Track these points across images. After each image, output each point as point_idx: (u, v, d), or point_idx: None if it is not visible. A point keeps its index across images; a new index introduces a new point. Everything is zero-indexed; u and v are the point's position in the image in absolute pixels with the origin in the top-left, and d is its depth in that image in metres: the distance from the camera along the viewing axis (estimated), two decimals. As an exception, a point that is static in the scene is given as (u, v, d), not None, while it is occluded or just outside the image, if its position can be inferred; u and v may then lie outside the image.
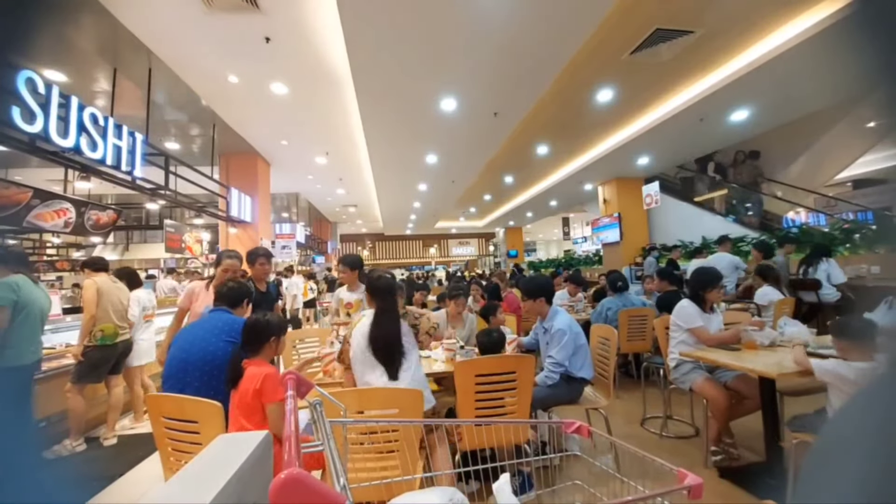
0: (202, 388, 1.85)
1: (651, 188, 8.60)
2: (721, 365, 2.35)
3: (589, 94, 5.88)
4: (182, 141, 7.55)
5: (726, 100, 5.73)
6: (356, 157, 8.65)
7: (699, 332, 2.66)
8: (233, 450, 0.75)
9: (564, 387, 2.49)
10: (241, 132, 6.95)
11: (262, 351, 1.86)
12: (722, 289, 2.80)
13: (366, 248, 23.94)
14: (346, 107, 6.08)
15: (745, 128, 6.90)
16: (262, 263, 3.16)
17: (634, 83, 5.62)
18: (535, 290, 2.68)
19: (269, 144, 7.69)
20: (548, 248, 29.20)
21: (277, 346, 1.92)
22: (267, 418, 1.68)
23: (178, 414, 1.62)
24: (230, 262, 2.86)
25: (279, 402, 1.68)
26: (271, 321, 1.91)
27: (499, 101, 5.64)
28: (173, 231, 7.51)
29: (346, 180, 10.70)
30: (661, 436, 3.02)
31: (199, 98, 5.68)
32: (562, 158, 9.20)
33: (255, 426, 1.67)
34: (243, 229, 8.08)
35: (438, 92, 5.31)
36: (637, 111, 6.66)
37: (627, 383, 4.32)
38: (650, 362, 3.55)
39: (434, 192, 11.38)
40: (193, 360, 1.91)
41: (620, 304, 4.10)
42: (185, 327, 1.99)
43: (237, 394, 1.74)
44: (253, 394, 1.67)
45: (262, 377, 1.69)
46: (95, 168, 4.46)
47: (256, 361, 1.81)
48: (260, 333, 1.87)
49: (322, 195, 12.62)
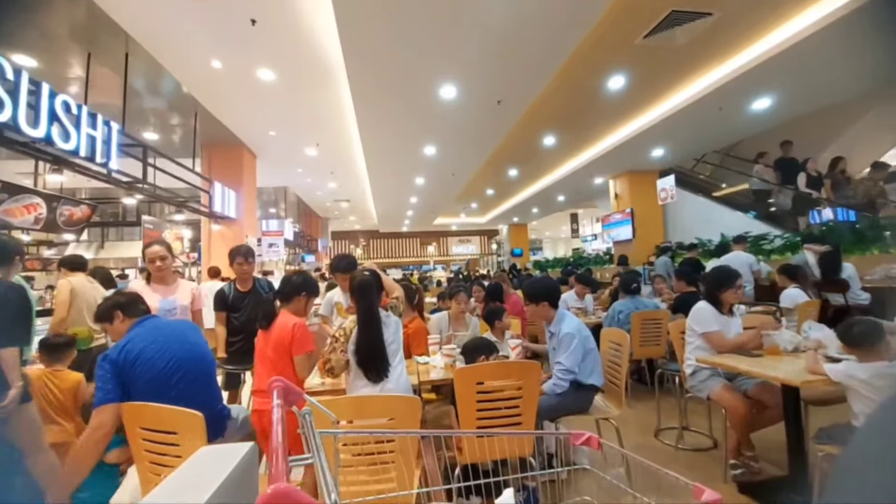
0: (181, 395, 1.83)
1: (666, 182, 8.60)
2: (741, 372, 2.34)
3: (599, 81, 5.87)
4: (161, 131, 7.54)
5: (747, 87, 5.72)
6: (349, 149, 8.64)
7: (712, 337, 2.65)
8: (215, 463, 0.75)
9: (573, 395, 2.49)
10: (225, 122, 6.94)
11: (292, 301, 2.30)
12: (740, 289, 2.79)
13: (359, 247, 23.95)
14: (338, 94, 6.07)
15: (767, 117, 6.90)
16: (241, 264, 3.16)
17: (648, 69, 5.61)
18: (537, 294, 2.67)
19: (255, 135, 7.68)
20: (555, 247, 29.16)
21: (307, 304, 2.36)
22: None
23: (156, 424, 1.62)
24: (153, 250, 2.79)
25: (307, 354, 2.14)
26: (307, 279, 2.39)
27: (502, 88, 5.63)
28: (152, 228, 7.51)
29: (337, 173, 10.70)
30: (676, 448, 3.02)
31: (179, 85, 5.67)
32: (570, 150, 9.19)
33: (290, 368, 2.12)
34: (227, 226, 8.07)
35: (437, 78, 5.30)
36: (651, 99, 6.65)
37: (640, 391, 4.32)
38: (665, 369, 3.55)
39: (433, 186, 11.37)
40: (181, 364, 1.88)
41: (633, 306, 4.10)
42: (144, 327, 1.93)
43: (270, 337, 2.15)
44: (287, 345, 2.12)
45: (292, 327, 2.13)
46: (68, 160, 4.45)
47: (285, 313, 2.23)
48: (294, 287, 2.32)
49: (312, 189, 12.62)
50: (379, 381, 2.02)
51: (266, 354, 2.15)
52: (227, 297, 3.18)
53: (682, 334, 2.92)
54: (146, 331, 1.90)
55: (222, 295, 3.19)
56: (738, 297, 2.81)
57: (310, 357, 2.16)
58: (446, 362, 2.61)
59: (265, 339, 2.20)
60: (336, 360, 2.07)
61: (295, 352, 2.12)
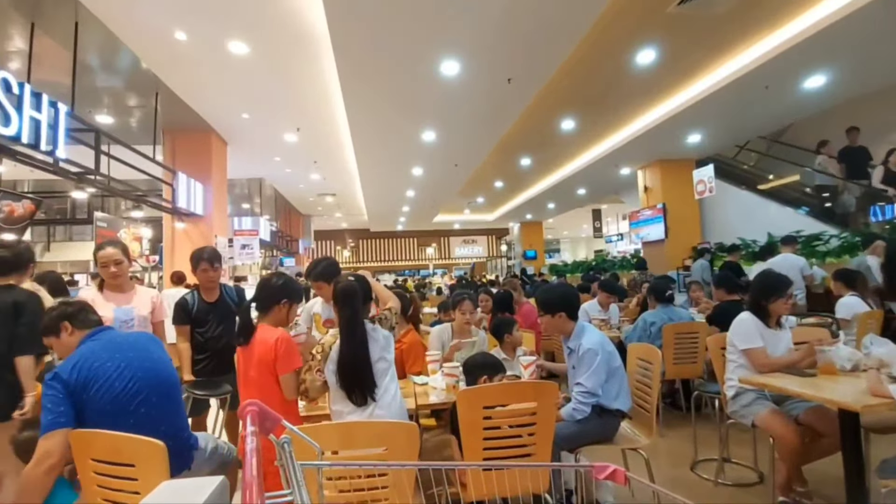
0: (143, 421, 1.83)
1: (703, 173, 8.59)
2: (791, 394, 2.33)
3: (626, 56, 5.88)
4: (117, 114, 7.55)
5: (798, 62, 5.72)
6: (335, 134, 8.66)
7: (755, 354, 2.64)
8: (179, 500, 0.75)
9: (595, 422, 2.48)
10: (191, 103, 6.96)
11: (272, 312, 2.24)
12: (791, 298, 2.79)
13: (347, 248, 24.00)
14: (322, 70, 6.09)
15: (821, 97, 6.90)
16: (205, 270, 3.11)
17: (682, 42, 5.62)
18: (552, 303, 2.66)
19: (225, 118, 7.70)
20: (574, 249, 29.21)
21: (289, 312, 2.28)
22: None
23: (110, 455, 1.62)
24: (106, 252, 2.79)
25: (294, 372, 2.11)
26: (289, 283, 2.31)
27: (513, 64, 5.64)
28: (106, 226, 7.51)
29: (322, 163, 10.71)
30: (716, 483, 3.01)
31: (137, 60, 5.69)
32: (592, 136, 9.19)
33: (278, 389, 2.10)
34: (193, 224, 8.08)
35: (437, 51, 5.31)
36: (686, 77, 6.66)
37: (674, 417, 4.31)
38: (703, 391, 3.54)
39: (432, 177, 11.38)
40: (144, 385, 1.87)
41: (665, 317, 4.10)
42: (98, 341, 1.92)
43: (251, 354, 2.12)
44: (271, 362, 2.09)
45: (274, 342, 2.09)
46: (8, 147, 4.46)
47: (265, 326, 2.19)
48: (272, 293, 2.24)
49: (292, 181, 12.63)
50: (364, 405, 2.02)
51: (249, 375, 2.14)
52: (189, 308, 3.14)
53: (723, 350, 2.91)
54: (101, 345, 1.88)
55: (184, 306, 3.14)
56: (789, 308, 2.80)
57: (298, 375, 2.15)
58: (448, 383, 2.61)
59: (245, 357, 2.18)
60: (311, 381, 2.07)
61: (280, 370, 2.10)
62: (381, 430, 1.70)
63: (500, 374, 2.44)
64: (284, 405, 2.11)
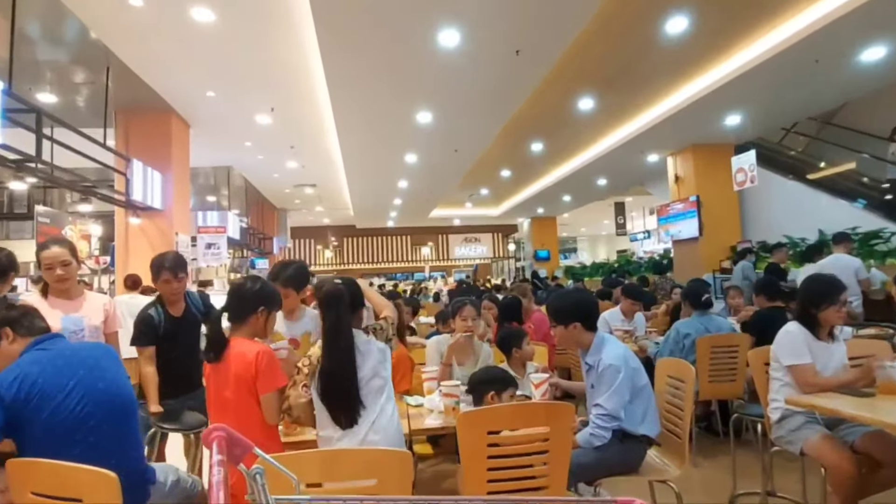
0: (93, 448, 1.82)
1: (744, 160, 8.60)
2: (846, 417, 2.33)
3: (654, 24, 5.89)
4: (62, 92, 7.54)
5: (854, 31, 5.72)
6: (315, 115, 8.66)
7: (801, 372, 2.64)
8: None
9: (617, 449, 2.49)
10: (148, 79, 6.95)
11: (246, 322, 2.20)
12: (844, 305, 2.78)
13: (329, 248, 23.99)
14: (300, 40, 6.09)
15: (882, 72, 6.90)
16: (167, 281, 3.04)
17: (719, 9, 5.63)
18: (566, 312, 2.66)
19: (188, 96, 7.69)
20: (593, 248, 29.22)
21: (266, 322, 2.26)
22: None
23: (53, 488, 1.61)
24: (51, 252, 2.77)
25: (278, 392, 2.09)
26: (265, 287, 2.30)
27: (522, 34, 5.64)
28: (49, 222, 7.51)
29: (300, 148, 10.71)
30: (758, 521, 3.02)
31: (86, 29, 5.68)
32: (614, 117, 9.19)
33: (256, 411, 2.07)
34: (150, 219, 8.07)
35: (435, 18, 5.31)
36: (723, 49, 6.66)
37: (710, 444, 4.30)
38: (743, 413, 3.54)
39: (429, 165, 11.38)
40: (97, 406, 1.86)
41: (702, 327, 4.10)
42: (45, 352, 1.91)
43: (226, 373, 2.08)
44: (251, 381, 2.06)
45: (255, 357, 2.05)
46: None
47: (241, 339, 2.15)
48: (246, 299, 2.21)
49: (266, 170, 12.62)
50: (349, 427, 2.02)
51: (223, 397, 2.11)
52: (156, 324, 3.07)
53: (767, 366, 2.91)
54: (48, 357, 1.87)
55: (149, 322, 3.06)
56: (843, 318, 2.80)
57: (282, 395, 2.14)
58: (447, 404, 2.60)
59: (218, 376, 2.14)
60: (295, 397, 2.07)
61: (262, 389, 2.07)
62: (370, 458, 1.70)
63: (510, 390, 2.45)
64: (266, 431, 2.10)
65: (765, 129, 9.65)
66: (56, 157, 6.26)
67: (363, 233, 23.79)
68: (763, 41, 6.37)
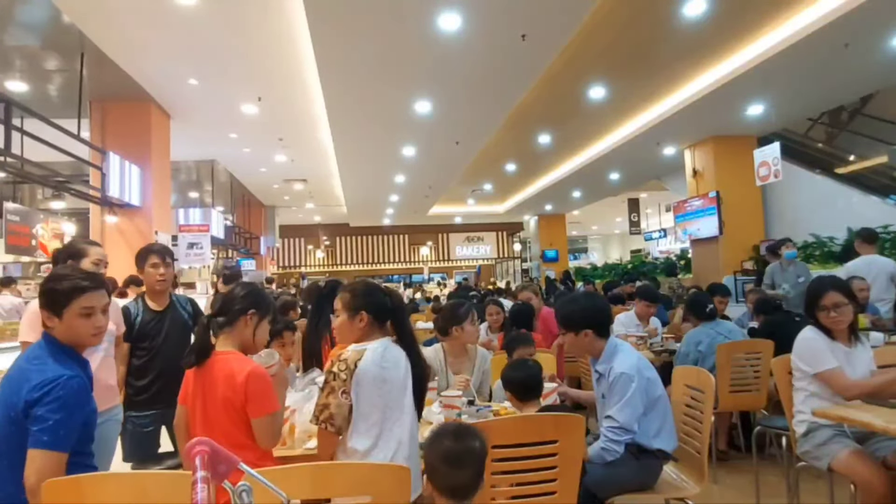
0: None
1: (768, 153, 8.58)
2: (877, 430, 2.33)
3: (671, 6, 5.88)
4: (32, 80, 7.54)
5: (886, 13, 5.72)
6: (306, 105, 8.67)
7: (833, 377, 2.64)
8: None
9: (631, 464, 2.49)
10: (126, 66, 6.94)
11: (235, 325, 2.16)
12: (836, 310, 2.73)
13: (320, 247, 23.99)
14: (289, 23, 6.09)
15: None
16: (155, 265, 3.06)
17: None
18: (575, 319, 2.66)
19: (168, 84, 7.69)
20: (606, 248, 29.23)
21: (257, 328, 2.20)
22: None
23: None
24: (94, 249, 2.81)
25: (271, 415, 2.02)
26: (256, 290, 2.27)
27: (528, 17, 5.64)
28: (18, 220, 7.50)
29: (289, 141, 10.71)
30: (783, 541, 3.02)
31: (58, 12, 5.68)
32: (627, 107, 9.19)
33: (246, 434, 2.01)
34: (128, 217, 8.07)
35: (433, 2, 5.32)
36: (745, 33, 6.65)
37: (732, 459, 4.30)
38: (767, 426, 3.55)
39: (428, 159, 11.40)
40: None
41: (713, 332, 4.11)
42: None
43: (212, 384, 2.01)
44: (239, 405, 2.00)
45: (244, 380, 1.97)
46: None
47: (229, 355, 2.08)
48: (232, 301, 2.17)
49: (252, 164, 12.62)
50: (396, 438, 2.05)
51: (208, 413, 2.05)
52: (132, 319, 3.10)
53: (791, 375, 2.92)
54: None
55: (125, 314, 3.08)
56: (839, 323, 2.74)
57: (275, 419, 2.08)
58: (448, 416, 2.61)
59: (202, 386, 2.07)
60: (337, 406, 1.99)
61: (253, 413, 2.01)
62: (365, 472, 1.69)
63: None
64: (259, 451, 2.05)
65: (790, 119, 9.63)
66: (26, 151, 6.28)
67: (357, 231, 23.78)
68: (788, 24, 6.36)
